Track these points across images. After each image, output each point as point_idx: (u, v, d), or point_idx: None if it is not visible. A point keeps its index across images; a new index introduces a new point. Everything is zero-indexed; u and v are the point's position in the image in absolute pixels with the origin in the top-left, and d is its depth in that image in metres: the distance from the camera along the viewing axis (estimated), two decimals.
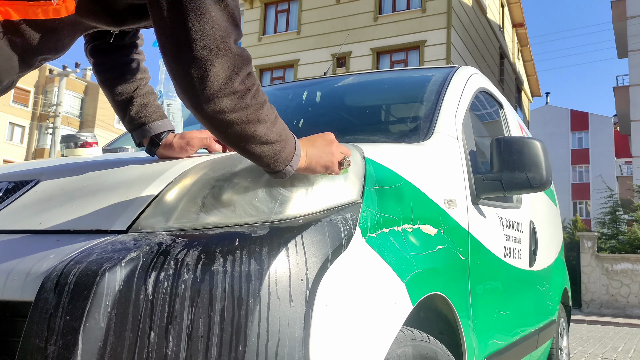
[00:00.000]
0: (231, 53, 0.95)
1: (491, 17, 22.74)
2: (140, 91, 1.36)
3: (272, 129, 1.02)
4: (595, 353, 5.85)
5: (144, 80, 1.38)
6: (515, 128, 2.81)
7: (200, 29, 0.93)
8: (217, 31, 0.94)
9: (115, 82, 1.34)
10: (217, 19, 0.94)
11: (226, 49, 0.94)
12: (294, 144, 1.09)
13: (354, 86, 2.46)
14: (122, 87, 1.34)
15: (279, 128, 1.05)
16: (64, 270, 0.92)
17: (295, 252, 0.99)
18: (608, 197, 14.74)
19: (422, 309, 1.50)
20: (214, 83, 0.94)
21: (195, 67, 0.93)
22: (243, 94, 0.97)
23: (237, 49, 0.97)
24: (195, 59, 0.93)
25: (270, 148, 1.03)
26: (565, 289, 3.66)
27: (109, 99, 1.37)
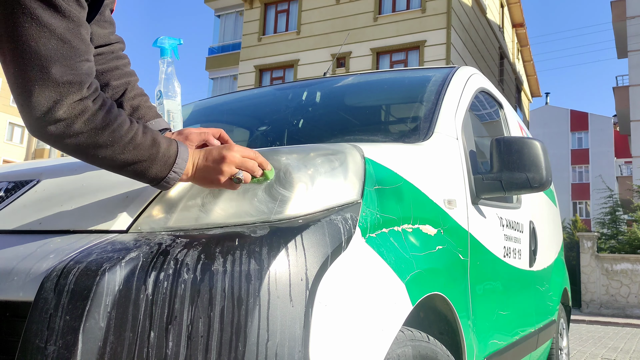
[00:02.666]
0: (54, 81, 0.93)
1: (491, 17, 22.75)
2: (128, 95, 1.37)
3: (122, 152, 1.00)
4: (595, 353, 5.85)
5: (130, 84, 1.39)
6: (515, 128, 2.81)
7: (18, 59, 0.92)
8: (37, 60, 0.92)
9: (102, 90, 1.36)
10: (35, 50, 0.92)
11: (45, 79, 0.93)
12: (171, 159, 1.05)
13: (354, 86, 2.46)
14: (109, 94, 1.36)
15: (134, 149, 1.01)
16: (63, 270, 0.92)
17: (295, 252, 0.99)
18: (608, 197, 14.75)
19: (422, 309, 1.50)
20: (36, 111, 0.93)
21: (18, 95, 0.94)
22: (71, 122, 0.95)
23: (61, 76, 0.94)
24: (17, 87, 0.94)
25: (129, 168, 1.02)
26: (565, 289, 3.66)
27: None
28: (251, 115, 2.56)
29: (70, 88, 0.95)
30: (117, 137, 0.99)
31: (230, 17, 23.10)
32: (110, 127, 0.98)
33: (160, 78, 1.69)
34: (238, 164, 1.10)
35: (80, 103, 0.96)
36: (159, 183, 1.06)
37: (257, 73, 20.35)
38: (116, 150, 0.99)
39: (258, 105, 2.60)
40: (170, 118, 1.67)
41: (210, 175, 1.10)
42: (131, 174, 1.04)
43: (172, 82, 1.69)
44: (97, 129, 0.97)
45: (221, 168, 1.10)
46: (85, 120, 0.96)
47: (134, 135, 1.01)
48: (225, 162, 1.10)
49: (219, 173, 1.09)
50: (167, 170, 1.05)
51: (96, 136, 0.97)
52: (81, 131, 0.96)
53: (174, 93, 1.69)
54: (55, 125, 0.94)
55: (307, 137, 2.06)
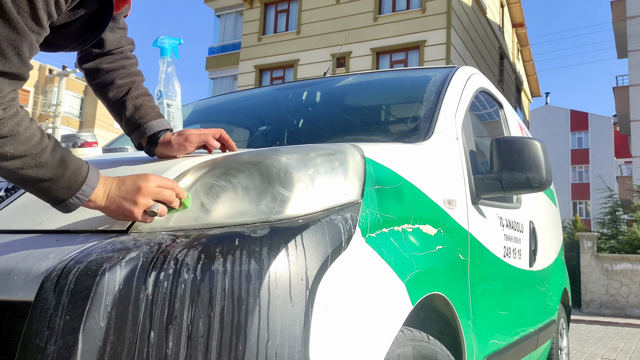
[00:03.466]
0: None
1: (491, 17, 22.74)
2: (131, 94, 1.37)
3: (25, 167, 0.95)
4: (595, 353, 5.85)
5: (135, 83, 1.39)
6: (515, 128, 2.81)
7: None
8: None
9: (107, 88, 1.37)
10: None
11: None
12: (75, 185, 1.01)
13: (354, 86, 2.46)
14: (113, 92, 1.37)
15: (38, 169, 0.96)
16: (63, 270, 0.92)
17: (295, 252, 0.99)
18: (608, 197, 14.75)
19: (422, 309, 1.50)
20: None
21: None
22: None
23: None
24: None
25: (30, 187, 0.98)
26: (565, 289, 3.66)
27: (105, 106, 1.40)
28: (251, 115, 2.56)
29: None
30: (20, 150, 0.94)
31: (230, 17, 23.09)
32: (14, 139, 0.93)
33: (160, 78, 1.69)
34: (154, 195, 1.06)
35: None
36: (58, 205, 1.01)
37: (257, 73, 20.35)
38: (17, 163, 0.94)
39: (258, 105, 2.60)
40: (170, 118, 1.67)
41: (122, 206, 1.05)
42: (33, 191, 0.99)
43: (172, 82, 1.69)
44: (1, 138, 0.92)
45: (135, 200, 1.05)
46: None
47: (40, 152, 0.96)
48: (140, 193, 1.05)
49: (133, 205, 1.04)
50: (69, 194, 1.00)
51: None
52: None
53: (174, 93, 1.69)
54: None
55: (307, 137, 2.06)
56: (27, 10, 0.92)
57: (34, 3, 0.93)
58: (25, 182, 0.97)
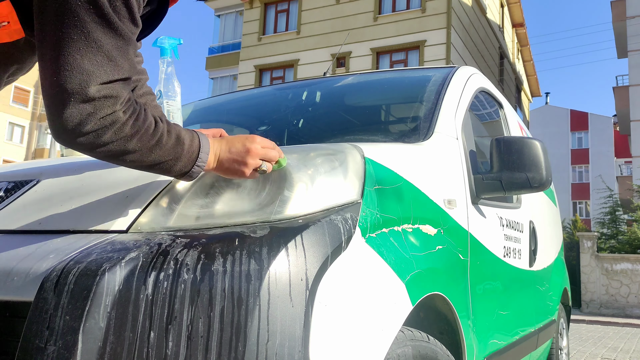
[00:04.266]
0: (87, 97, 0.93)
1: (491, 17, 22.74)
2: (137, 92, 1.37)
3: (149, 155, 1.01)
4: (595, 353, 5.85)
5: (141, 82, 1.39)
6: (515, 128, 2.81)
7: (60, 69, 0.92)
8: (77, 75, 0.92)
9: None
10: (79, 64, 0.93)
11: (83, 94, 0.93)
12: (194, 154, 1.06)
13: (354, 86, 2.46)
14: None
15: (160, 150, 1.02)
16: (63, 270, 0.92)
17: (295, 252, 0.99)
18: (608, 197, 14.75)
19: (422, 309, 1.50)
20: (68, 123, 0.93)
21: (52, 105, 0.94)
22: (101, 133, 0.96)
23: (96, 92, 0.94)
24: (52, 97, 0.93)
25: (156, 168, 1.04)
26: (565, 289, 3.66)
27: None
28: (251, 115, 2.56)
29: (105, 102, 0.95)
30: (144, 142, 1.01)
31: (230, 16, 23.09)
32: (138, 134, 1.00)
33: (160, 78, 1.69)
34: (261, 155, 1.12)
35: (111, 116, 0.96)
36: (182, 177, 1.08)
37: (257, 73, 20.35)
38: (143, 154, 1.01)
39: (258, 105, 2.60)
40: (170, 118, 1.67)
41: (234, 167, 1.11)
42: (158, 172, 1.06)
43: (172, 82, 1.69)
44: (125, 138, 0.98)
45: (246, 161, 1.11)
46: (114, 131, 0.97)
47: (160, 137, 1.02)
48: (249, 154, 1.11)
49: (243, 165, 1.11)
50: (190, 165, 1.07)
51: (125, 144, 0.99)
52: (110, 141, 0.97)
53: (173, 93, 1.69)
54: (85, 137, 0.95)
55: (307, 137, 2.06)
56: (127, 16, 0.98)
57: (131, 8, 0.98)
58: (151, 167, 1.04)
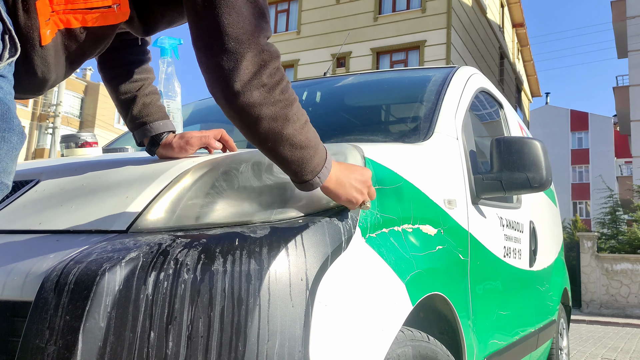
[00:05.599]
0: (260, 47, 0.98)
1: (491, 17, 22.74)
2: (143, 91, 1.36)
3: (300, 131, 1.01)
4: (595, 353, 5.85)
5: (148, 80, 1.38)
6: (515, 128, 2.81)
7: (232, 23, 0.96)
8: (248, 26, 0.97)
9: (120, 80, 1.34)
10: (248, 15, 0.97)
11: (256, 43, 0.97)
12: (325, 156, 1.07)
13: (354, 86, 2.46)
14: (126, 85, 1.35)
15: (308, 132, 1.03)
16: (63, 270, 0.92)
17: (295, 252, 0.99)
18: (608, 197, 14.74)
19: (422, 309, 1.50)
20: (244, 75, 0.96)
21: (226, 59, 0.96)
22: (272, 87, 0.98)
23: (266, 44, 0.99)
24: (226, 51, 0.96)
25: (299, 153, 1.02)
26: (565, 289, 3.66)
27: (112, 97, 1.38)
28: None
29: (272, 55, 0.99)
30: (300, 113, 1.02)
31: None
32: (297, 102, 1.02)
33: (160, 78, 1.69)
34: (370, 190, 1.14)
35: (278, 71, 0.99)
36: (312, 179, 1.05)
37: None
38: (297, 127, 1.01)
39: None
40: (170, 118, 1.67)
41: (352, 194, 1.11)
42: (296, 161, 1.02)
43: (172, 82, 1.69)
44: (289, 101, 1.00)
45: (363, 190, 1.12)
46: (282, 89, 0.99)
47: (307, 117, 1.04)
48: (366, 185, 1.13)
49: (360, 194, 1.12)
50: (322, 164, 1.05)
51: (288, 107, 0.99)
52: (279, 100, 0.98)
53: (174, 93, 1.69)
54: (258, 90, 0.96)
55: None
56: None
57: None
58: (298, 148, 1.01)
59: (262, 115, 0.98)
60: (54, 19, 1.00)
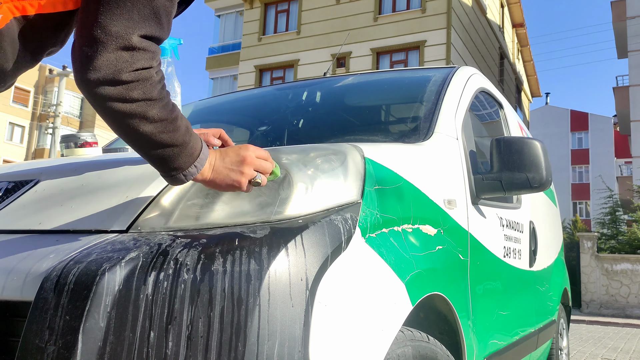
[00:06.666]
0: (129, 43, 0.94)
1: (491, 18, 22.74)
2: None
3: (162, 131, 0.98)
4: (595, 353, 5.85)
5: None
6: (515, 128, 2.81)
7: (106, 12, 0.93)
8: (124, 19, 0.94)
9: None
10: (129, 9, 0.94)
11: (125, 38, 0.93)
12: (197, 152, 1.03)
13: (354, 86, 2.46)
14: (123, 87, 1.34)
15: (173, 132, 1.00)
16: (63, 270, 0.92)
17: (295, 252, 0.99)
18: (608, 198, 14.74)
19: (422, 309, 1.50)
20: (103, 67, 0.93)
21: (88, 46, 0.93)
22: (132, 87, 0.95)
23: (139, 41, 0.95)
24: (91, 38, 0.93)
25: (161, 152, 1.00)
26: (565, 289, 3.66)
27: None
28: (251, 115, 2.56)
29: (144, 55, 0.96)
30: (164, 114, 0.99)
31: (231, 17, 23.09)
32: (161, 102, 0.98)
33: None
34: (256, 166, 1.08)
35: (146, 71, 0.96)
36: (177, 175, 1.02)
37: (257, 73, 20.35)
38: (158, 127, 0.98)
39: (258, 105, 2.60)
40: None
41: (229, 178, 1.07)
42: (157, 159, 1.01)
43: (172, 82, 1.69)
44: (150, 101, 0.97)
45: (241, 170, 1.07)
46: (144, 89, 0.96)
47: (176, 116, 1.01)
48: (244, 163, 1.07)
49: (239, 174, 1.07)
50: (190, 162, 1.03)
51: (147, 107, 0.97)
52: (137, 99, 0.96)
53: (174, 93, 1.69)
54: (115, 87, 0.94)
55: (307, 137, 2.05)
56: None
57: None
58: (157, 147, 0.99)
59: (116, 109, 0.96)
60: (7, 6, 0.98)
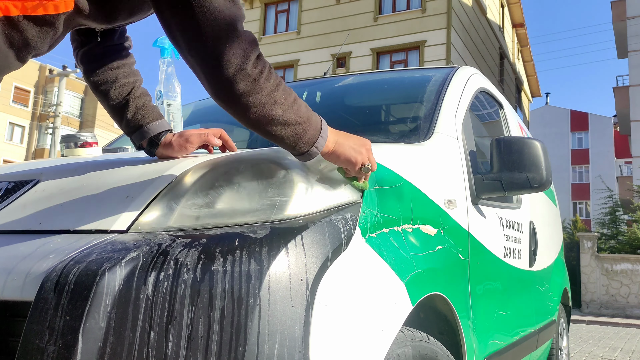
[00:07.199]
0: (240, 39, 1.00)
1: (491, 18, 22.74)
2: (134, 93, 1.35)
3: (289, 111, 1.06)
4: (595, 353, 5.85)
5: (137, 83, 1.38)
6: (515, 128, 2.81)
7: (208, 20, 0.98)
8: (224, 19, 0.98)
9: (109, 86, 1.33)
10: (221, 8, 0.99)
11: (235, 36, 0.99)
12: (319, 126, 1.11)
13: (354, 86, 2.46)
14: (116, 91, 1.34)
15: (298, 109, 1.07)
16: (63, 270, 0.92)
17: (295, 252, 0.99)
18: (608, 198, 14.75)
19: (422, 309, 1.50)
20: (229, 69, 0.99)
21: (209, 58, 0.99)
22: (256, 77, 1.01)
23: (244, 33, 1.01)
24: (207, 50, 0.98)
25: (291, 129, 1.07)
26: (565, 289, 3.66)
27: (103, 104, 1.36)
28: None
29: (252, 45, 1.02)
30: (287, 95, 1.05)
31: None
32: (281, 85, 1.05)
33: (160, 78, 1.69)
34: (370, 157, 1.19)
35: (260, 60, 1.02)
36: (309, 150, 1.10)
37: None
38: (286, 107, 1.05)
39: None
40: (170, 118, 1.67)
41: (351, 154, 1.15)
42: (290, 139, 1.08)
43: (172, 82, 1.70)
44: (273, 86, 1.03)
45: (362, 150, 1.16)
46: (265, 77, 1.02)
47: (295, 96, 1.08)
48: (365, 147, 1.17)
49: (359, 154, 1.16)
50: (316, 136, 1.10)
51: (274, 92, 1.03)
52: (264, 87, 1.02)
53: (174, 93, 1.69)
54: (244, 82, 1.00)
55: None
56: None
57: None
58: (290, 125, 1.06)
59: (251, 103, 1.02)
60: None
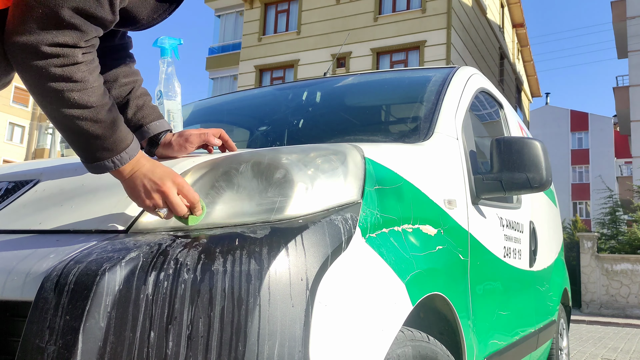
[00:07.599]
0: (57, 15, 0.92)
1: (491, 18, 22.74)
2: (134, 93, 1.35)
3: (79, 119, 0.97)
4: (595, 353, 5.85)
5: (137, 82, 1.38)
6: (515, 128, 2.81)
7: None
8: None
9: (109, 86, 1.33)
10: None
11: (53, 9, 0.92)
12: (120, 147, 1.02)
13: (354, 86, 2.46)
14: (116, 90, 1.34)
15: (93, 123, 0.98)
16: (64, 270, 0.92)
17: (295, 252, 0.99)
18: (608, 198, 14.75)
19: (422, 309, 1.50)
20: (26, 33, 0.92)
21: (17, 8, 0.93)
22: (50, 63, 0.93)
23: (69, 16, 0.94)
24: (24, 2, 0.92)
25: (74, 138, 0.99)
26: (565, 289, 3.66)
27: None
28: (251, 115, 2.56)
29: (71, 33, 0.94)
30: (85, 101, 0.97)
31: (231, 17, 23.10)
32: (85, 86, 0.96)
33: (160, 78, 1.69)
34: (170, 200, 1.04)
35: (70, 49, 0.95)
36: (92, 163, 1.03)
37: (257, 73, 20.35)
38: (75, 112, 0.96)
39: (258, 105, 2.60)
40: (170, 118, 1.67)
41: (139, 193, 1.05)
42: (75, 144, 1.01)
43: (172, 82, 1.69)
44: (70, 81, 0.95)
45: (152, 194, 1.04)
46: (64, 67, 0.94)
47: (101, 107, 0.99)
48: (159, 190, 1.04)
49: (148, 197, 1.04)
50: (108, 156, 1.02)
51: (66, 87, 0.95)
52: (54, 75, 0.94)
53: (174, 93, 1.69)
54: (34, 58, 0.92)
55: (307, 137, 2.06)
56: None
57: None
58: (73, 132, 0.99)
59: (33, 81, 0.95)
60: None
